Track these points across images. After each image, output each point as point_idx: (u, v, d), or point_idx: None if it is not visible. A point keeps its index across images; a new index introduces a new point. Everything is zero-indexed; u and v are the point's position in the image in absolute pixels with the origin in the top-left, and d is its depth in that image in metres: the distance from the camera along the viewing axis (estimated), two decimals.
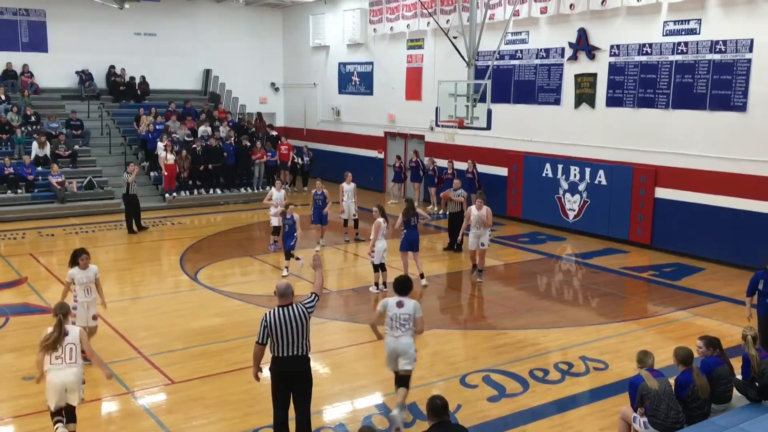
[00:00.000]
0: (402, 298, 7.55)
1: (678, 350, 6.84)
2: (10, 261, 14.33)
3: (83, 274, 9.06)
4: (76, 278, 9.04)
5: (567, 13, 17.04)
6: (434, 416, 5.30)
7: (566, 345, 10.09)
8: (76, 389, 6.73)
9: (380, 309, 7.61)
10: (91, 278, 9.15)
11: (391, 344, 7.50)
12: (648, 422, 6.51)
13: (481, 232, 12.98)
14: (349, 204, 16.36)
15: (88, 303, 9.13)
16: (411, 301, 7.56)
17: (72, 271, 9.07)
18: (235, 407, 7.99)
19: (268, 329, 6.57)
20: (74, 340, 6.77)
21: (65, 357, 6.67)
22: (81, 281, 9.05)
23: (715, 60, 14.42)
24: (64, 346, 6.68)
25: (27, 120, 21.59)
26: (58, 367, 6.63)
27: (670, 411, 6.46)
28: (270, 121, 26.54)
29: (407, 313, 7.46)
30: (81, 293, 9.07)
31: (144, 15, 24.83)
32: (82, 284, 9.06)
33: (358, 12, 23.56)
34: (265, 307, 11.61)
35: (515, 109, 18.75)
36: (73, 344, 6.74)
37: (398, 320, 7.46)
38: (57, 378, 6.61)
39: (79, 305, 9.00)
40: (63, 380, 6.63)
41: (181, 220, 19.06)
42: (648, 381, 6.53)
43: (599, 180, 16.73)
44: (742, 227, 14.20)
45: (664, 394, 6.49)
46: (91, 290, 9.17)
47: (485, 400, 8.27)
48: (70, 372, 6.66)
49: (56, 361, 6.64)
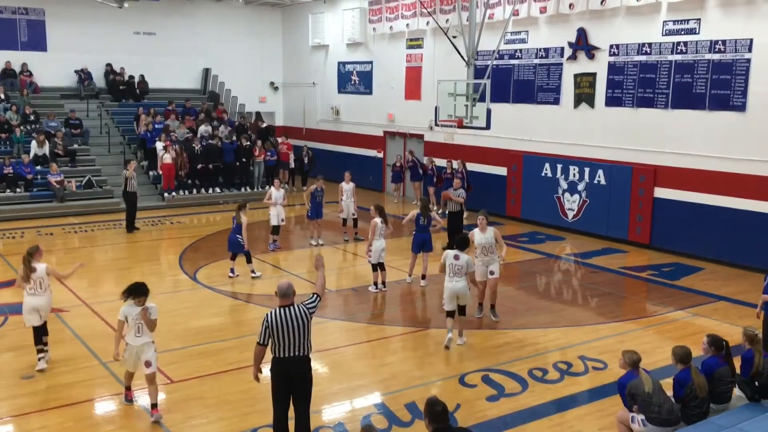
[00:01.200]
0: (458, 253, 9.67)
1: (676, 349, 6.85)
2: (8, 260, 14.31)
3: (135, 311, 7.61)
4: (130, 316, 7.60)
5: (566, 13, 17.04)
6: (434, 422, 5.17)
7: (565, 345, 10.10)
8: (45, 311, 9.00)
9: (442, 261, 9.84)
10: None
11: (450, 288, 9.70)
12: (645, 419, 6.52)
13: (489, 259, 10.95)
14: (348, 203, 16.36)
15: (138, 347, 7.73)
16: (465, 256, 9.68)
17: (125, 309, 7.64)
18: (234, 406, 7.99)
19: (269, 330, 6.54)
20: (41, 274, 8.86)
21: (36, 287, 8.84)
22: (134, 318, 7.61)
23: (715, 60, 14.42)
24: (35, 279, 8.80)
25: (26, 119, 21.57)
26: (31, 294, 8.86)
27: (664, 404, 6.49)
28: (270, 121, 26.52)
29: (461, 264, 9.63)
30: (131, 334, 7.67)
31: (143, 14, 24.82)
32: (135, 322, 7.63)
33: (357, 11, 23.55)
34: (264, 306, 11.62)
35: (514, 109, 18.75)
36: (42, 278, 8.85)
37: (454, 269, 9.64)
38: (32, 301, 8.88)
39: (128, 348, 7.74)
40: (35, 304, 8.88)
41: (180, 220, 19.05)
42: (642, 376, 6.57)
43: (598, 180, 16.73)
44: (741, 227, 14.20)
45: (654, 389, 6.52)
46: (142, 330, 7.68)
47: (484, 400, 8.27)
48: (40, 298, 8.91)
49: (30, 290, 8.87)
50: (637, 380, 6.56)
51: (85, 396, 8.25)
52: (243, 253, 13.27)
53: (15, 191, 19.13)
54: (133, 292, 7.62)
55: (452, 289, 9.73)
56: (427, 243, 12.85)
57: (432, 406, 5.17)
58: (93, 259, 14.92)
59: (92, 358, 9.34)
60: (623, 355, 6.81)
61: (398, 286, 12.89)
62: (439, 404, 5.18)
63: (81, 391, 8.37)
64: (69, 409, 7.90)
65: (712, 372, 6.85)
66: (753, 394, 6.97)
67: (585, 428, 7.64)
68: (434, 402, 5.22)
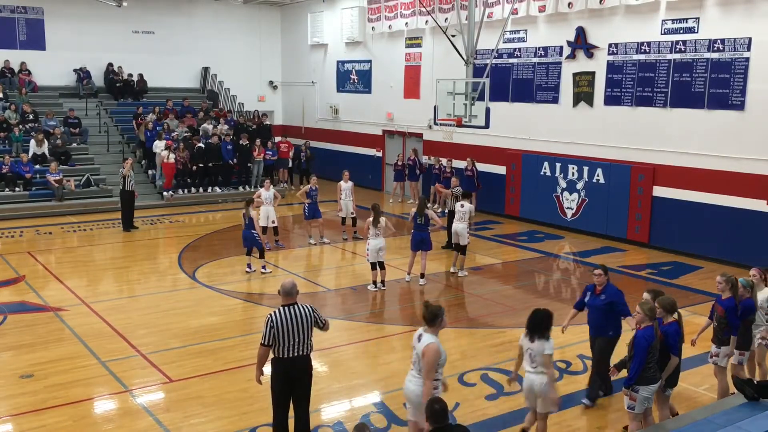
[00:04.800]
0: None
1: (663, 300, 7.01)
2: (7, 259, 14.30)
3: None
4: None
5: (565, 12, 17.05)
6: (434, 422, 5.17)
7: (564, 343, 10.09)
8: None
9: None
10: None
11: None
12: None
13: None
14: (347, 202, 16.36)
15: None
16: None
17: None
18: (233, 405, 7.99)
19: (274, 330, 6.45)
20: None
21: None
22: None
23: (713, 59, 14.43)
24: None
25: (25, 118, 21.55)
26: None
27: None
28: (269, 120, 26.50)
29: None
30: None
31: (142, 13, 24.80)
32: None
33: (356, 10, 23.54)
34: (263, 305, 11.63)
35: (513, 108, 18.75)
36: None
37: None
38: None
39: None
40: None
41: (179, 218, 19.04)
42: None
43: (597, 178, 16.74)
44: (739, 226, 14.22)
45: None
46: None
47: (483, 399, 8.28)
48: None
49: None
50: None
51: (84, 395, 8.25)
52: (258, 247, 13.46)
53: (14, 190, 19.11)
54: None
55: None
56: (425, 242, 12.85)
57: (431, 405, 5.19)
58: (92, 258, 14.92)
59: (91, 357, 9.33)
60: (661, 303, 6.88)
61: (397, 285, 12.90)
62: (439, 403, 5.19)
63: (80, 390, 8.36)
64: (67, 408, 7.90)
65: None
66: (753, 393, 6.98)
67: (583, 427, 7.65)
68: (434, 401, 5.24)
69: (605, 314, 7.93)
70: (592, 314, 8.07)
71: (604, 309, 7.91)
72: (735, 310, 7.51)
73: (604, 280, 7.99)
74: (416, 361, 6.20)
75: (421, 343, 6.13)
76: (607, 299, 7.90)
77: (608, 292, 7.94)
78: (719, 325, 7.65)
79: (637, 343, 6.55)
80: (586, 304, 8.13)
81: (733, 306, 7.53)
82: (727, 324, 7.55)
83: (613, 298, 7.92)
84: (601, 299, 7.93)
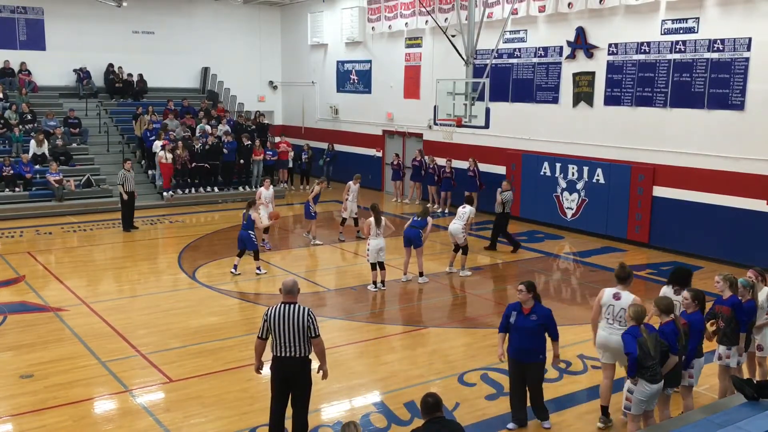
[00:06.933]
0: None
1: (659, 300, 7.04)
2: (7, 259, 14.30)
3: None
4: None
5: (565, 12, 17.05)
6: (427, 413, 5.40)
7: (564, 343, 10.04)
8: None
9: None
10: None
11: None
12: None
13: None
14: (352, 204, 16.42)
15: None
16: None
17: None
18: (233, 405, 7.99)
19: (268, 324, 6.62)
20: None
21: None
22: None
23: (713, 59, 14.43)
24: None
25: (24, 118, 21.55)
26: None
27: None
28: (268, 120, 26.49)
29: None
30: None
31: (142, 13, 24.80)
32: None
33: (356, 10, 23.53)
34: (262, 305, 11.62)
35: (513, 108, 18.76)
36: None
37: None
38: None
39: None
40: None
41: (179, 219, 19.04)
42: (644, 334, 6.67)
43: (597, 178, 16.74)
44: (739, 226, 14.22)
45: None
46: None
47: (483, 398, 8.28)
48: None
49: None
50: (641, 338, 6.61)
51: (84, 395, 8.25)
52: (252, 250, 13.39)
53: (14, 190, 19.11)
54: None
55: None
56: (415, 238, 12.89)
57: (425, 399, 5.47)
58: (92, 259, 14.92)
59: (91, 357, 9.33)
60: (656, 303, 7.01)
61: (397, 285, 12.90)
62: (432, 397, 5.46)
63: (80, 390, 8.36)
64: (68, 408, 7.90)
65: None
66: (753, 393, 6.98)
67: (583, 427, 7.64)
68: (427, 395, 5.51)
69: (537, 337, 7.28)
70: (520, 337, 7.26)
71: (536, 331, 7.25)
72: (741, 306, 7.50)
73: (528, 297, 7.30)
74: (617, 314, 7.31)
75: (623, 300, 7.26)
76: (540, 320, 7.24)
77: (539, 313, 7.28)
78: (728, 324, 7.60)
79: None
80: (511, 325, 7.34)
81: (738, 302, 7.52)
82: (736, 322, 7.53)
83: (547, 320, 7.28)
84: (532, 320, 7.24)
